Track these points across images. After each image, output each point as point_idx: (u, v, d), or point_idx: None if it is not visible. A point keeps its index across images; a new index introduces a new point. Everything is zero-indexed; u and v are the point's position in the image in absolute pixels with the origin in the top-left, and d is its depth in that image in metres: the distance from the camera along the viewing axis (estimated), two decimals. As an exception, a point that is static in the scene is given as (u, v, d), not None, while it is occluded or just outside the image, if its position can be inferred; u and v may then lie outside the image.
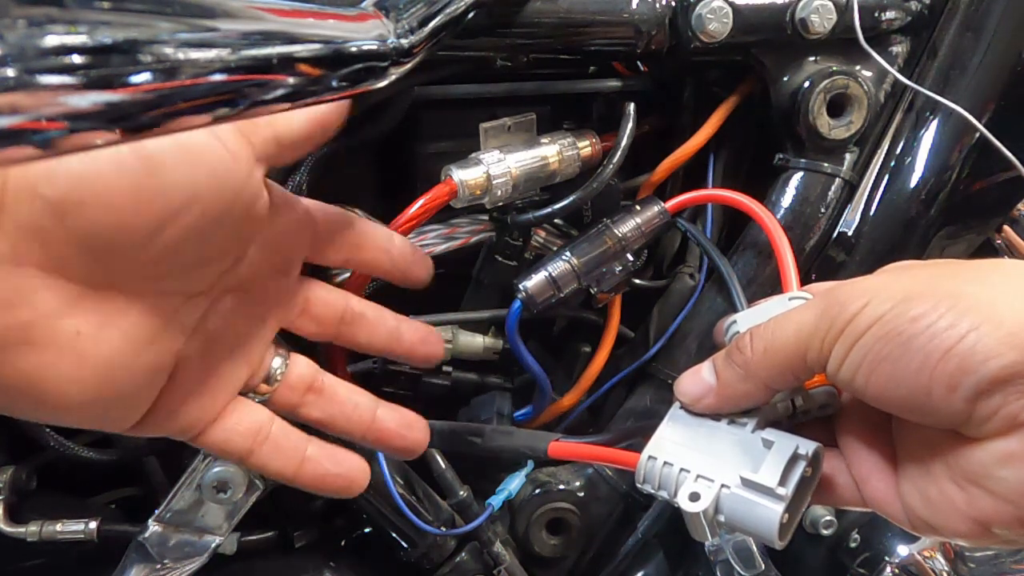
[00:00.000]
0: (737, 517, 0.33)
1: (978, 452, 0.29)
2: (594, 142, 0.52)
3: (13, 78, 0.18)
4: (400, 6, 0.35)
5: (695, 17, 0.49)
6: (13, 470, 0.52)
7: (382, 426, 0.40)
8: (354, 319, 0.40)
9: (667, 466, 0.36)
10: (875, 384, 0.30)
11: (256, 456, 0.36)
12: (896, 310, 0.30)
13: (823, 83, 0.51)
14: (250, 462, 0.37)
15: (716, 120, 0.55)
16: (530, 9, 0.46)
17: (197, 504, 0.47)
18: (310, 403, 0.39)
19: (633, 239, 0.51)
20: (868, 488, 0.34)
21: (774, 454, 0.34)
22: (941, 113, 0.54)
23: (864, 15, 0.51)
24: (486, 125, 0.52)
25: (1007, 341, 0.27)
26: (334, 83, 0.29)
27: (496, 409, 0.55)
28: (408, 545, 0.52)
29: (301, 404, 0.39)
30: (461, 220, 0.54)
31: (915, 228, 0.55)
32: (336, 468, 0.38)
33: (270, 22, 0.26)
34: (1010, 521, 0.29)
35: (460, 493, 0.53)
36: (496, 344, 0.56)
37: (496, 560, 0.53)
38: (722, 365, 0.36)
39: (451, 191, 0.46)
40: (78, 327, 0.28)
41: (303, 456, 0.38)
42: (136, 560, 0.47)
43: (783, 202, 0.54)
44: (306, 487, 0.38)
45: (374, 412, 0.40)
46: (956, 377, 0.28)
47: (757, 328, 0.35)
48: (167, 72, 0.22)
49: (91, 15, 0.20)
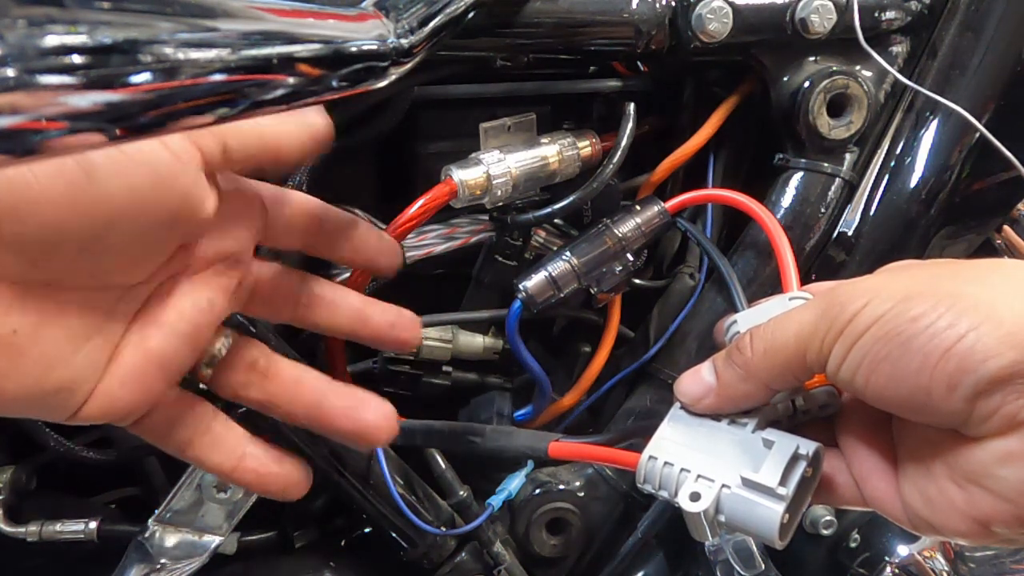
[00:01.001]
0: (738, 517, 0.33)
1: (978, 451, 0.29)
2: (594, 142, 0.52)
3: (13, 78, 0.18)
4: (400, 6, 0.35)
5: (695, 17, 0.49)
6: (13, 470, 0.52)
7: (328, 409, 0.37)
8: (311, 300, 0.39)
9: (668, 466, 0.36)
10: (875, 384, 0.30)
11: (194, 448, 0.35)
12: (896, 310, 0.30)
13: (823, 83, 0.51)
14: (188, 454, 0.35)
15: (716, 120, 0.55)
16: (530, 9, 0.46)
17: (197, 504, 0.47)
18: (251, 384, 0.37)
19: (633, 239, 0.51)
20: (868, 487, 0.34)
21: (774, 454, 0.34)
22: (941, 113, 0.54)
23: (864, 15, 0.51)
24: (486, 125, 0.52)
25: (1006, 341, 0.27)
26: (334, 83, 0.29)
27: (496, 409, 0.55)
28: (408, 545, 0.52)
29: (241, 385, 0.37)
30: (461, 220, 0.54)
31: (915, 228, 0.55)
32: (276, 467, 0.37)
33: (270, 22, 0.26)
34: (1010, 520, 0.29)
35: (460, 493, 0.53)
36: (496, 344, 0.56)
37: (496, 560, 0.53)
38: (722, 365, 0.36)
39: (451, 191, 0.46)
40: (14, 326, 0.28)
41: (243, 452, 0.36)
42: (136, 560, 0.47)
43: (783, 202, 0.54)
44: (244, 484, 0.37)
45: (323, 393, 0.37)
46: (956, 377, 0.28)
47: (757, 328, 0.35)
48: (167, 72, 0.22)
49: (91, 15, 0.20)
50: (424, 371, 0.55)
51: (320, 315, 0.39)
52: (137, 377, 0.32)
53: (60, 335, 0.29)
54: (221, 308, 0.36)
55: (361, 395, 0.38)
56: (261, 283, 0.38)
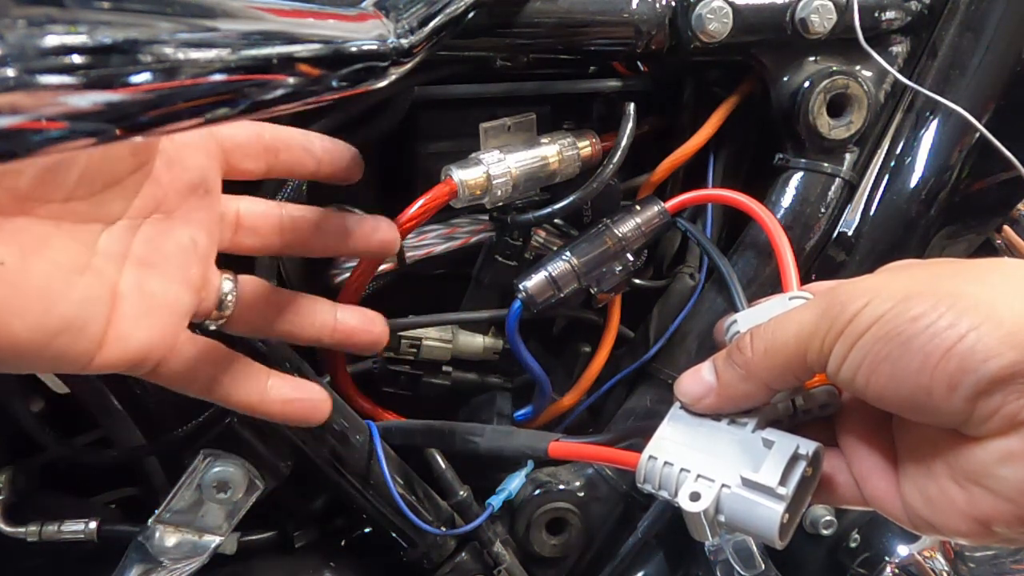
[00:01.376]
0: (738, 517, 0.33)
1: (978, 451, 0.29)
2: (594, 142, 0.52)
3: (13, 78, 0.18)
4: (400, 6, 0.35)
5: (695, 17, 0.49)
6: (13, 470, 0.52)
7: (345, 326, 0.42)
8: (295, 223, 0.41)
9: (667, 466, 0.36)
10: (875, 384, 0.30)
11: (219, 387, 0.37)
12: (896, 309, 0.30)
13: (823, 83, 0.51)
14: (214, 394, 0.37)
15: (716, 120, 0.55)
16: (530, 9, 0.46)
17: (197, 504, 0.47)
18: (273, 318, 0.40)
19: (633, 239, 0.51)
20: (869, 487, 0.34)
21: (774, 454, 0.34)
22: (941, 113, 0.54)
23: (864, 15, 0.51)
24: (486, 125, 0.52)
25: (1007, 340, 0.27)
26: (334, 83, 0.29)
27: (496, 409, 0.55)
28: (408, 545, 0.52)
29: (263, 320, 0.39)
30: (461, 220, 0.54)
31: (915, 228, 0.55)
32: (299, 394, 0.39)
33: (270, 22, 0.26)
34: (1010, 520, 0.29)
35: (460, 493, 0.53)
36: (496, 344, 0.56)
37: (496, 560, 0.52)
38: (722, 365, 0.36)
39: (451, 191, 0.46)
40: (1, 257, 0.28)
41: (266, 385, 0.39)
42: (136, 560, 0.47)
43: (783, 202, 0.54)
44: (271, 416, 0.39)
45: (335, 314, 0.42)
46: (956, 376, 0.28)
47: (757, 328, 0.35)
48: (167, 72, 0.22)
49: (91, 15, 0.20)
50: (424, 371, 0.55)
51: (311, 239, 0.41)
52: (143, 318, 0.33)
53: (49, 268, 0.30)
54: (205, 245, 0.37)
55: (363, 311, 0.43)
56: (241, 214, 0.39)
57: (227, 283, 0.38)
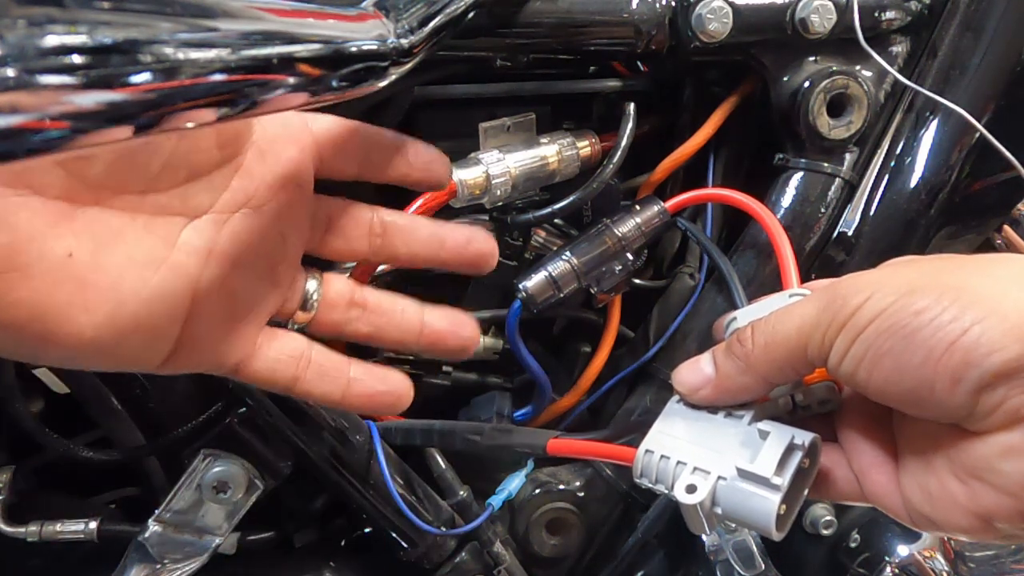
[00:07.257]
0: (734, 508, 0.33)
1: (980, 446, 0.29)
2: (594, 142, 0.52)
3: (13, 78, 0.18)
4: (400, 6, 0.35)
5: (695, 17, 0.49)
6: (13, 470, 0.52)
7: (433, 328, 0.38)
8: (386, 229, 0.38)
9: (664, 459, 0.36)
10: (877, 378, 0.30)
11: (302, 383, 0.35)
12: (899, 303, 0.29)
13: (823, 83, 0.51)
14: (297, 389, 0.36)
15: (716, 120, 0.55)
16: (530, 9, 0.46)
17: (197, 504, 0.47)
18: (356, 318, 0.37)
19: (633, 239, 0.51)
20: (868, 482, 0.34)
21: (770, 444, 0.33)
22: (941, 113, 0.54)
23: (864, 15, 0.51)
24: (486, 125, 0.52)
25: (1012, 334, 0.27)
26: (334, 83, 0.29)
27: (496, 409, 0.55)
28: (408, 545, 0.52)
29: (347, 321, 0.37)
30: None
31: (915, 228, 0.55)
32: (383, 385, 0.37)
33: (270, 22, 0.26)
34: (1012, 515, 0.29)
35: (460, 493, 0.53)
36: (496, 344, 0.56)
37: (496, 560, 0.53)
38: (722, 357, 0.36)
39: (450, 191, 0.46)
40: (69, 248, 0.27)
41: (348, 378, 0.36)
42: (136, 560, 0.47)
43: (783, 202, 0.54)
44: (355, 408, 0.37)
45: (422, 316, 0.38)
46: (960, 371, 0.28)
47: (758, 322, 0.35)
48: (167, 72, 0.22)
49: (91, 15, 0.20)
50: (424, 371, 0.55)
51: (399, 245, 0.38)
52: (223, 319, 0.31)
53: (123, 263, 0.28)
54: (294, 242, 0.35)
55: (453, 312, 0.39)
56: (333, 216, 0.37)
57: (312, 282, 0.36)
